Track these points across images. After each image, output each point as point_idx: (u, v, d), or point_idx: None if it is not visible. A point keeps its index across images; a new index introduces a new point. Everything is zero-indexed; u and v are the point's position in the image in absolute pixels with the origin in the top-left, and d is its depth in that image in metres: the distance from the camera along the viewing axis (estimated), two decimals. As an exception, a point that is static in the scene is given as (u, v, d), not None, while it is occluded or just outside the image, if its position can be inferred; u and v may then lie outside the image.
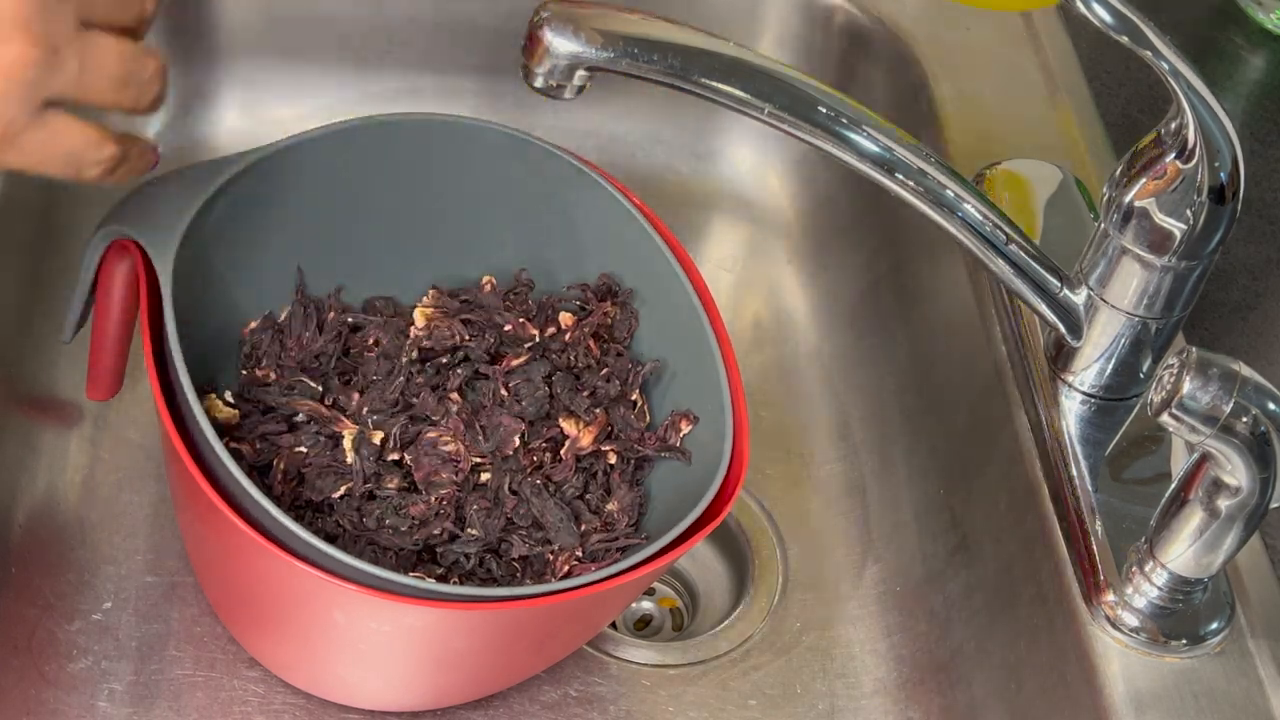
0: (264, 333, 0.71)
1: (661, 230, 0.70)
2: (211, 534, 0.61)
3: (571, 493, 0.68)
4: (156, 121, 0.91)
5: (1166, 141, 0.62)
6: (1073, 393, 0.70)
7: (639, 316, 0.72)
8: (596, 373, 0.71)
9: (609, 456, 0.70)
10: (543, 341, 0.72)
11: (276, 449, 0.67)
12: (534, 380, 0.70)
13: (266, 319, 0.71)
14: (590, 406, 0.70)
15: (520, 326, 0.72)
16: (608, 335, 0.73)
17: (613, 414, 0.70)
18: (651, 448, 0.69)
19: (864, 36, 0.91)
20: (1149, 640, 0.63)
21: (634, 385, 0.71)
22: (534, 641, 0.64)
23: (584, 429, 0.69)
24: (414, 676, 0.65)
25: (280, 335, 0.71)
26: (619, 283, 0.72)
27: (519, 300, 0.74)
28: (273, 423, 0.68)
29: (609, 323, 0.72)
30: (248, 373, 0.70)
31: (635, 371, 0.71)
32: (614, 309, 0.72)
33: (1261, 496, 0.57)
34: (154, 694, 0.69)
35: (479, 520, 0.66)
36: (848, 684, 0.75)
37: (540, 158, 0.71)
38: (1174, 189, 0.63)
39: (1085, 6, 0.57)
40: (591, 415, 0.70)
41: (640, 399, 0.72)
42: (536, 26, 0.56)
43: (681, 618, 0.80)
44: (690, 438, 0.69)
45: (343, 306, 0.73)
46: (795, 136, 0.60)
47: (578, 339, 0.72)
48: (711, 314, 0.68)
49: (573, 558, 0.66)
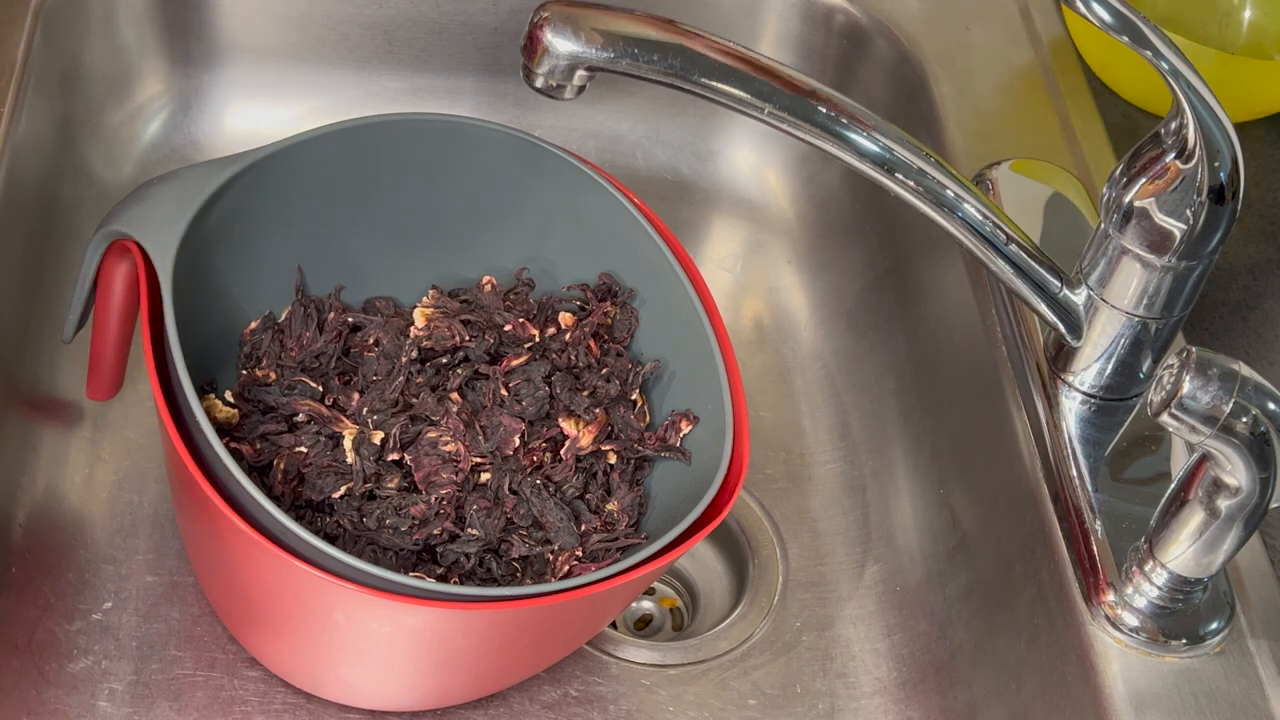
0: (264, 333, 0.71)
1: (662, 231, 0.70)
2: (212, 534, 0.61)
3: (571, 493, 0.68)
4: (157, 121, 0.91)
5: (1166, 141, 0.62)
6: (1073, 393, 0.70)
7: (639, 316, 0.72)
8: (596, 372, 0.71)
9: (609, 456, 0.70)
10: (543, 341, 0.72)
11: (277, 449, 0.67)
12: (534, 380, 0.70)
13: (267, 319, 0.71)
14: (590, 406, 0.70)
15: (520, 326, 0.72)
16: (608, 335, 0.73)
17: (613, 414, 0.70)
18: (651, 448, 0.69)
19: (864, 36, 0.91)
20: (1149, 640, 0.63)
21: (634, 385, 0.71)
22: (534, 641, 0.64)
23: (584, 429, 0.69)
24: (414, 676, 0.65)
25: (280, 335, 0.71)
26: (619, 283, 0.72)
27: (519, 300, 0.74)
28: (273, 422, 0.68)
29: (609, 323, 0.72)
30: (248, 373, 0.70)
31: (635, 371, 0.71)
32: (614, 309, 0.72)
33: (1261, 496, 0.57)
34: (154, 694, 0.69)
35: (479, 520, 0.66)
36: (848, 684, 0.75)
37: (541, 158, 0.71)
38: (1174, 189, 0.63)
39: (1085, 6, 0.57)
40: (591, 415, 0.70)
41: (640, 399, 0.72)
42: (537, 26, 0.56)
43: (681, 618, 0.80)
44: (690, 438, 0.69)
45: (343, 306, 0.73)
46: (795, 136, 0.60)
47: (578, 339, 0.72)
48: (712, 314, 0.68)
49: (572, 558, 0.66)
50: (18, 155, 0.75)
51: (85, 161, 0.86)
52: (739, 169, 0.98)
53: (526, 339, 0.72)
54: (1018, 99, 0.87)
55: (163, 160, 0.91)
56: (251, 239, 0.69)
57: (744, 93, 0.58)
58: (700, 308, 0.68)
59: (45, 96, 0.80)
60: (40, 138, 0.80)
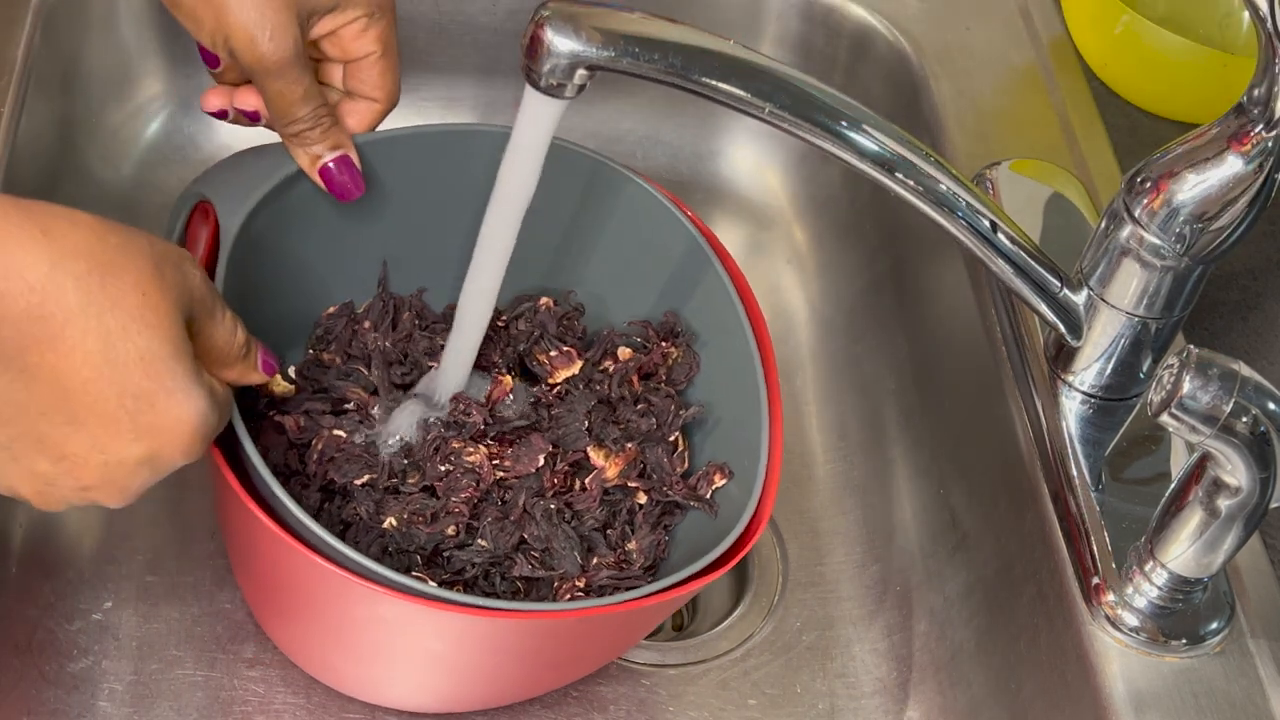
0: (340, 319, 0.72)
1: (737, 279, 0.69)
2: (228, 501, 0.61)
3: (592, 524, 0.68)
4: (157, 121, 0.91)
5: (1252, 111, 0.61)
6: (1073, 393, 0.70)
7: (700, 362, 0.71)
8: (631, 407, 0.71)
9: (639, 496, 0.69)
10: (586, 371, 0.72)
11: (318, 428, 0.67)
12: (575, 411, 0.70)
13: (345, 306, 0.72)
14: (619, 438, 0.69)
15: (565, 354, 0.72)
16: (665, 376, 0.72)
17: (648, 453, 0.69)
18: (679, 494, 0.68)
19: (864, 36, 0.91)
20: (1149, 640, 0.63)
21: (673, 427, 0.70)
22: (520, 660, 0.63)
23: (611, 460, 0.69)
24: (398, 671, 0.65)
25: (354, 324, 0.72)
26: (684, 324, 0.72)
27: (570, 326, 0.74)
28: (319, 401, 0.68)
29: (668, 364, 0.72)
30: (314, 353, 0.71)
31: (677, 414, 0.70)
32: (677, 351, 0.72)
33: (1261, 496, 0.57)
34: (154, 694, 0.69)
35: (490, 532, 0.66)
36: (848, 684, 0.75)
37: (635, 193, 0.71)
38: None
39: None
40: (620, 447, 0.69)
41: (682, 443, 0.71)
42: (538, 26, 0.56)
43: (681, 618, 0.80)
44: (722, 491, 0.68)
45: (422, 307, 0.73)
46: (795, 136, 0.60)
47: (621, 372, 0.71)
48: (769, 373, 0.66)
49: (575, 588, 0.66)
50: (18, 155, 0.75)
51: (85, 161, 0.86)
52: (739, 169, 0.98)
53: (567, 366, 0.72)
54: (1018, 99, 0.87)
55: (163, 160, 0.91)
56: (339, 224, 0.69)
57: (744, 92, 0.58)
58: (759, 365, 0.66)
59: (45, 96, 0.81)
60: (40, 138, 0.80)
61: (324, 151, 0.65)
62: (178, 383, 0.50)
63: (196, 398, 0.51)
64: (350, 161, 0.65)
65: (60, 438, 0.50)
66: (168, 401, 0.50)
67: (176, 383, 0.50)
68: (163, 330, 0.50)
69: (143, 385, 0.50)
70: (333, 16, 0.63)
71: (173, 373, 0.50)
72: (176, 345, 0.50)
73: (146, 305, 0.49)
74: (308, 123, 0.63)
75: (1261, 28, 0.58)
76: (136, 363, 0.49)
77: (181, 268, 0.52)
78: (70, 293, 0.48)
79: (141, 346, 0.49)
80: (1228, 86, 0.82)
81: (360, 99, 0.66)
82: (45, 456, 0.51)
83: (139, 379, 0.49)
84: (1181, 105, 0.87)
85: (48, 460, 0.51)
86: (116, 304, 0.49)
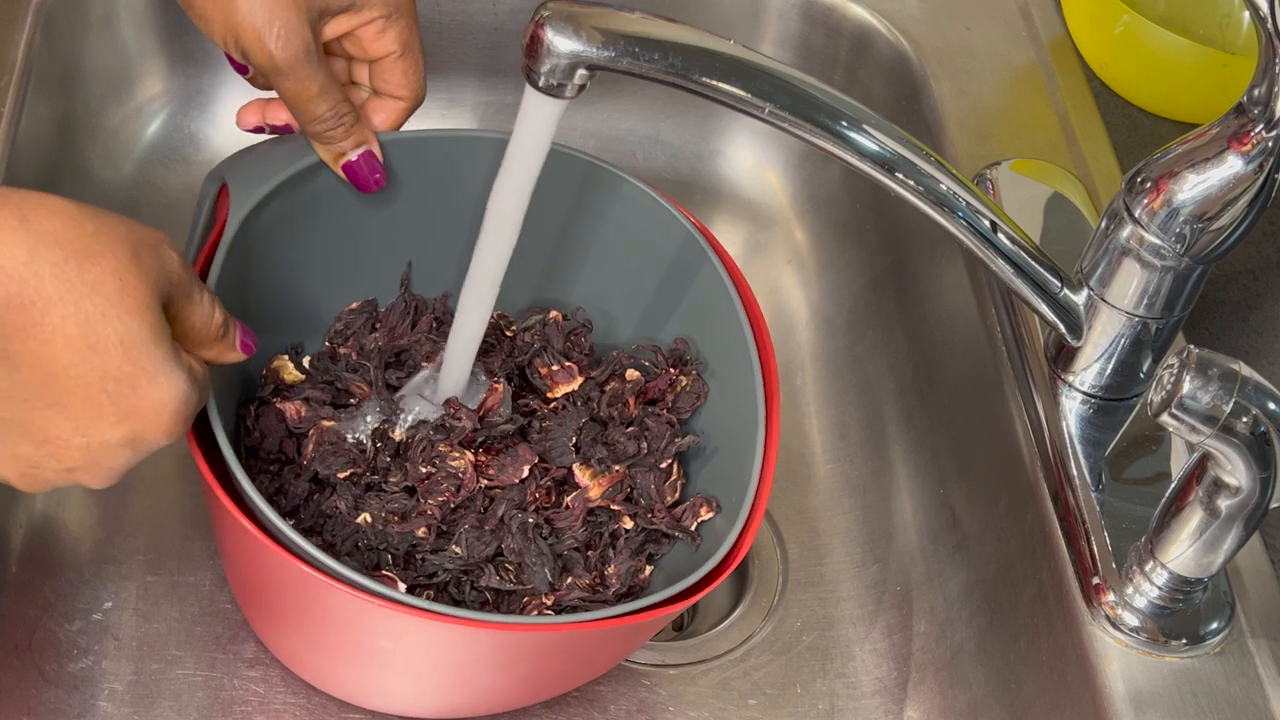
0: (360, 315, 0.72)
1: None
2: (204, 490, 0.62)
3: (571, 543, 0.67)
4: (157, 121, 0.91)
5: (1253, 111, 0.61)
6: (1073, 393, 0.70)
7: (708, 393, 0.71)
8: (621, 428, 0.70)
9: (624, 520, 0.69)
10: (586, 389, 0.72)
11: (317, 419, 0.68)
12: (565, 426, 0.69)
13: (368, 303, 0.73)
14: (605, 459, 0.69)
15: (566, 369, 0.72)
16: (671, 403, 0.71)
17: (638, 477, 0.69)
18: (663, 523, 0.67)
19: (864, 36, 0.91)
20: (1149, 640, 0.63)
21: (665, 454, 0.69)
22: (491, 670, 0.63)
23: (595, 480, 0.68)
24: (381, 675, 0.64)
25: (373, 321, 0.72)
26: (695, 351, 0.71)
27: (576, 341, 0.74)
28: (319, 390, 0.69)
29: (676, 390, 0.72)
30: (329, 346, 0.72)
31: (670, 440, 0.70)
32: (686, 380, 0.71)
33: (1261, 496, 0.57)
34: (154, 694, 0.69)
35: (466, 540, 0.65)
36: (848, 684, 0.75)
37: (666, 220, 0.70)
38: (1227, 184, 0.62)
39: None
40: (605, 468, 0.69)
41: (677, 470, 0.70)
42: (538, 25, 0.56)
43: (681, 618, 0.80)
44: (708, 524, 0.67)
45: (444, 311, 0.73)
46: (795, 136, 0.60)
47: (617, 393, 0.71)
48: (770, 410, 0.66)
49: (543, 606, 0.65)
50: (18, 155, 0.75)
51: (85, 161, 0.86)
52: (739, 169, 0.98)
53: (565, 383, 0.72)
54: (1018, 99, 0.87)
55: (163, 160, 0.91)
56: (363, 220, 0.70)
57: (744, 92, 0.58)
58: (761, 403, 0.65)
59: (45, 96, 0.81)
60: (40, 138, 0.80)
61: (348, 148, 0.65)
62: (158, 365, 0.51)
63: (177, 380, 0.52)
64: (373, 155, 0.66)
65: (43, 421, 0.51)
66: (149, 384, 0.51)
67: (157, 365, 0.51)
68: (141, 314, 0.50)
69: (124, 369, 0.50)
70: (348, 17, 0.63)
71: (152, 356, 0.51)
72: (155, 329, 0.51)
73: (124, 290, 0.50)
74: (329, 122, 0.64)
75: (1261, 28, 0.58)
76: (117, 347, 0.50)
77: (158, 251, 0.52)
78: (48, 280, 0.48)
79: (121, 331, 0.50)
80: (1228, 86, 0.82)
81: (386, 97, 0.67)
82: (29, 440, 0.51)
83: (120, 363, 0.50)
84: (1181, 105, 0.87)
85: (31, 444, 0.51)
86: (95, 290, 0.49)
